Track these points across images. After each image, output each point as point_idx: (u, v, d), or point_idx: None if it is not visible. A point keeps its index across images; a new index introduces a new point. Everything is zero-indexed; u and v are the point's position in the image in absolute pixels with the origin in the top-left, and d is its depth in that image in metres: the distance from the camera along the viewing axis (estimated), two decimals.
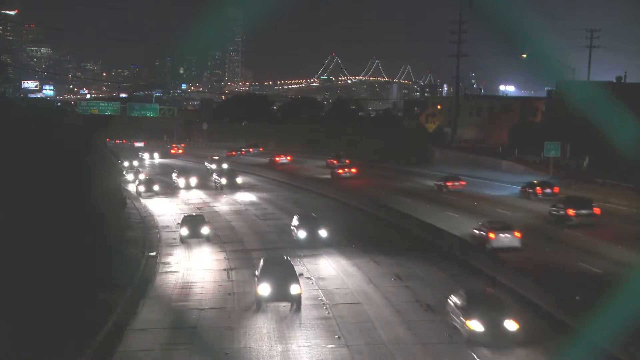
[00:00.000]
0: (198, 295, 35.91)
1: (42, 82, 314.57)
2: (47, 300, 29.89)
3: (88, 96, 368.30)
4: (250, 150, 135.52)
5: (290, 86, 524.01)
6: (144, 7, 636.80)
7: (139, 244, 49.21)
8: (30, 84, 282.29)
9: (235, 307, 33.64)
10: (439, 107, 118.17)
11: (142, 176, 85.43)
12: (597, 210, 50.64)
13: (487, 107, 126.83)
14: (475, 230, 44.81)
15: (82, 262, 33.13)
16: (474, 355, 26.40)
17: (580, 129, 74.86)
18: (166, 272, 41.76)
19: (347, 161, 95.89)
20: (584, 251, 42.86)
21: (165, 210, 66.30)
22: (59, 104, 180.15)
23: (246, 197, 74.47)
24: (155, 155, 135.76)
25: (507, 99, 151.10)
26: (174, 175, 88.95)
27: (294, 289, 32.73)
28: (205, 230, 49.60)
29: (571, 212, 50.32)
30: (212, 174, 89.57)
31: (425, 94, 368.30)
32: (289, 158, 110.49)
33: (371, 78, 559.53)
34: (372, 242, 48.16)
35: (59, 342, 26.86)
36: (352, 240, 49.06)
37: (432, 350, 27.05)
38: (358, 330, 29.55)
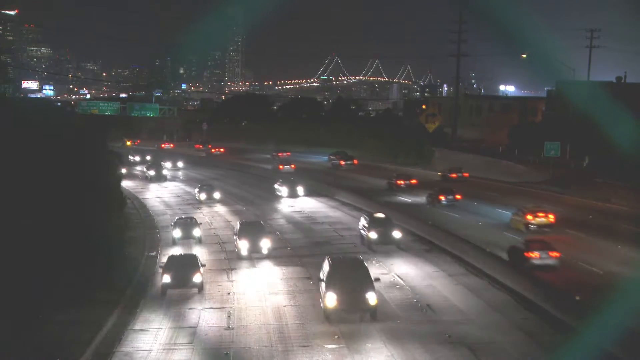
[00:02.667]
0: (198, 295, 35.90)
1: (42, 82, 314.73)
2: (47, 300, 29.91)
3: (88, 96, 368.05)
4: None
5: (290, 86, 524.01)
6: (144, 7, 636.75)
7: (139, 244, 49.21)
8: (30, 84, 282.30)
9: (235, 307, 33.64)
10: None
11: (215, 193, 69.89)
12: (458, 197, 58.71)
13: (487, 107, 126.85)
14: None
15: (82, 262, 33.13)
16: None
17: (580, 129, 74.91)
18: None
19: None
20: None
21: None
22: (59, 104, 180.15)
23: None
24: (180, 163, 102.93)
25: (507, 99, 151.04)
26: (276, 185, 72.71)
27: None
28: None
29: None
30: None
31: (425, 94, 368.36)
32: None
33: (371, 78, 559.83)
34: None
35: (59, 342, 26.87)
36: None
37: None
38: None
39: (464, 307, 32.57)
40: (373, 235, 43.70)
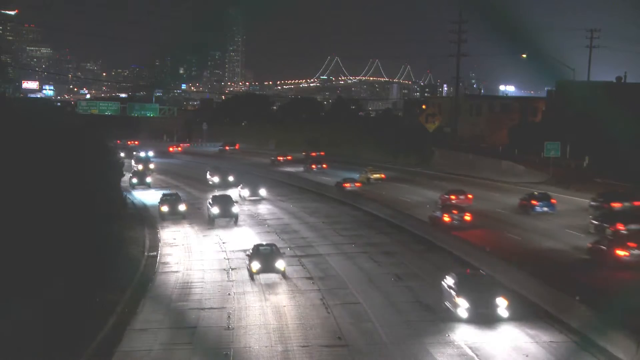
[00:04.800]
0: (198, 295, 35.92)
1: (42, 82, 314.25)
2: (47, 300, 29.88)
3: (88, 96, 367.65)
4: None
5: (290, 86, 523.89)
6: (144, 7, 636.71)
7: (139, 244, 49.22)
8: (30, 84, 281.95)
9: (235, 307, 33.64)
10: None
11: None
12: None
13: (487, 107, 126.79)
14: None
15: (82, 262, 33.12)
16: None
17: (580, 129, 74.93)
18: (166, 272, 41.76)
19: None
20: None
21: None
22: (59, 104, 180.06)
23: None
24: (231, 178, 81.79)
25: (507, 98, 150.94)
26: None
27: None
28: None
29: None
30: None
31: (425, 94, 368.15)
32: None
33: (371, 78, 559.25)
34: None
35: (59, 342, 26.86)
36: None
37: None
38: None
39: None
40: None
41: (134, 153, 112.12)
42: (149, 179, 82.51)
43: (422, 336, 28.57)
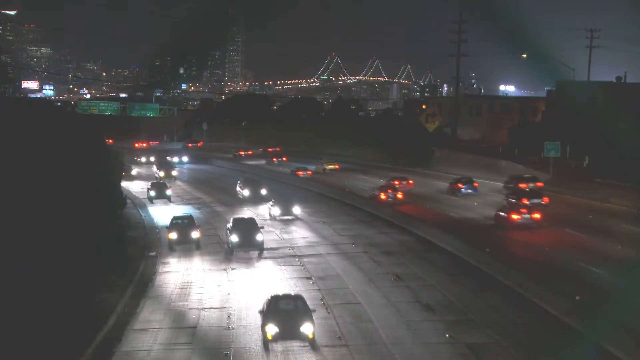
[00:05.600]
0: (198, 295, 35.92)
1: (42, 82, 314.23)
2: (47, 300, 29.88)
3: (88, 96, 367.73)
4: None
5: (290, 86, 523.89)
6: (144, 7, 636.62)
7: (139, 244, 49.21)
8: (30, 84, 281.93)
9: (235, 307, 33.64)
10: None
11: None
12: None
13: (487, 107, 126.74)
14: None
15: (82, 261, 33.12)
16: None
17: (580, 129, 74.83)
18: (166, 272, 41.76)
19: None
20: None
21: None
22: (59, 103, 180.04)
23: None
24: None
25: (507, 99, 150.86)
26: None
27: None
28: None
29: None
30: None
31: (425, 94, 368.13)
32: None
33: (371, 78, 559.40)
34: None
35: (59, 342, 26.87)
36: None
37: None
38: None
39: None
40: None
41: (156, 158, 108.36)
42: (169, 192, 71.31)
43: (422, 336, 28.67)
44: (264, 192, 68.99)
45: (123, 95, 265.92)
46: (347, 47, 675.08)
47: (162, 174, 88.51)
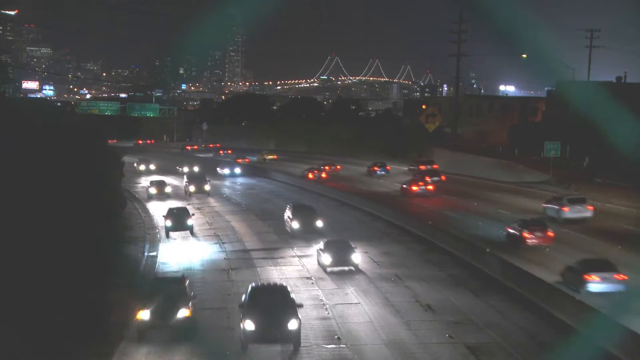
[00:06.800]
0: (198, 295, 35.84)
1: (42, 82, 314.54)
2: (47, 300, 29.88)
3: (88, 96, 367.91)
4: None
5: (290, 86, 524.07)
6: (144, 7, 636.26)
7: (139, 244, 49.20)
8: (30, 84, 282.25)
9: (235, 307, 33.58)
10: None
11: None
12: None
13: (487, 107, 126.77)
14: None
15: (82, 261, 33.11)
16: None
17: (580, 129, 74.79)
18: (166, 272, 41.72)
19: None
20: None
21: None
22: (59, 104, 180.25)
23: None
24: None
25: (507, 98, 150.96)
26: None
27: None
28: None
29: None
30: None
31: (425, 94, 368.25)
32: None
33: (371, 78, 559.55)
34: None
35: (59, 342, 26.85)
36: None
37: None
38: None
39: None
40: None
41: (187, 169, 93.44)
42: (190, 221, 52.92)
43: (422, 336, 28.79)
44: (319, 224, 51.34)
45: (123, 95, 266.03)
46: (347, 47, 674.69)
47: (192, 188, 73.61)
